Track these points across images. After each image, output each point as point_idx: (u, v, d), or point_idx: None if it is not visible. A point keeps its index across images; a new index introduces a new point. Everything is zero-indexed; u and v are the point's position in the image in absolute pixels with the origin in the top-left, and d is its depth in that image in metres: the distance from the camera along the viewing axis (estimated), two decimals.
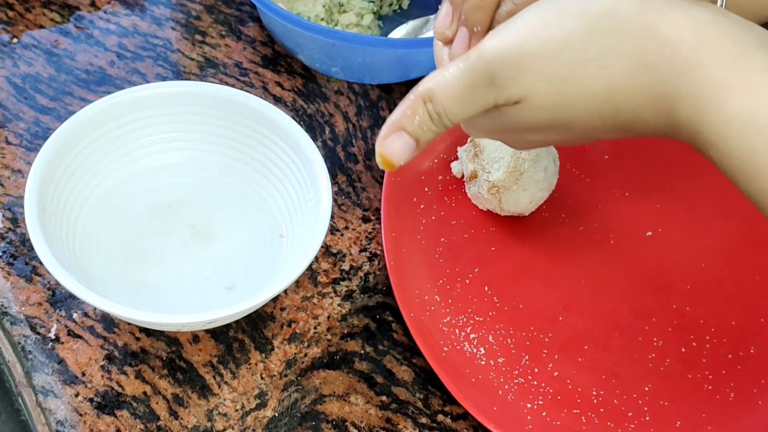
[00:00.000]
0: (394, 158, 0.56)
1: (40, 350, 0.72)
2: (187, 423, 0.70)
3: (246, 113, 0.78)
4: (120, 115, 0.77)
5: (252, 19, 0.96)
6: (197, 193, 0.80)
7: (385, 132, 0.56)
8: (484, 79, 0.52)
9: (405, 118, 0.55)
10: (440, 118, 0.55)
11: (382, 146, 0.56)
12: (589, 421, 0.72)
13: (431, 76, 0.54)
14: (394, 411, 0.72)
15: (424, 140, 0.56)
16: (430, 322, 0.75)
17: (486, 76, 0.52)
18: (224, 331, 0.75)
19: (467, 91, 0.53)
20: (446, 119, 0.55)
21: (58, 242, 0.71)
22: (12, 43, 0.91)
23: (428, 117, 0.54)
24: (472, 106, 0.54)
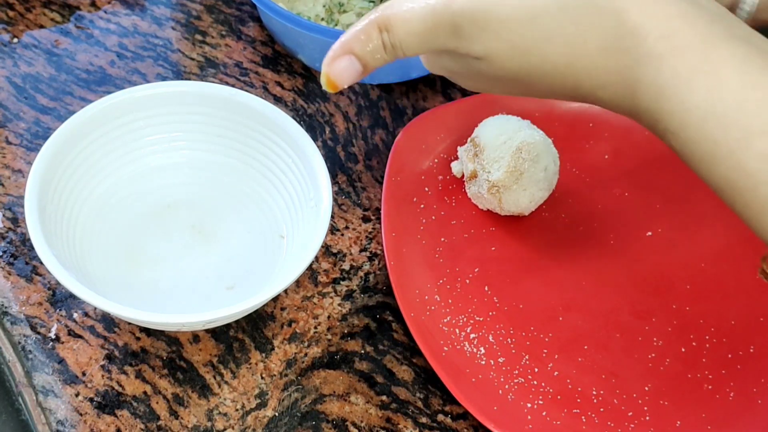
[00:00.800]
0: (340, 80, 0.57)
1: (40, 350, 0.72)
2: (188, 423, 0.70)
3: (246, 113, 0.78)
4: (120, 115, 0.77)
5: (252, 18, 0.96)
6: (197, 192, 0.80)
7: (334, 52, 0.56)
8: (447, 26, 0.52)
9: (357, 42, 0.55)
10: (394, 49, 0.54)
11: (329, 67, 0.57)
12: (589, 421, 0.72)
13: (391, 4, 0.54)
14: (394, 411, 0.72)
15: (372, 66, 0.56)
16: (430, 321, 0.75)
17: (450, 24, 0.52)
18: (224, 331, 0.75)
19: (427, 32, 0.53)
20: (400, 51, 0.54)
21: (58, 242, 0.71)
22: (12, 42, 0.91)
23: (381, 45, 0.54)
24: (429, 46, 0.54)
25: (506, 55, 0.52)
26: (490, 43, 0.52)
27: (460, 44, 0.52)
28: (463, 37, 0.52)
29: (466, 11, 0.51)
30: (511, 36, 0.51)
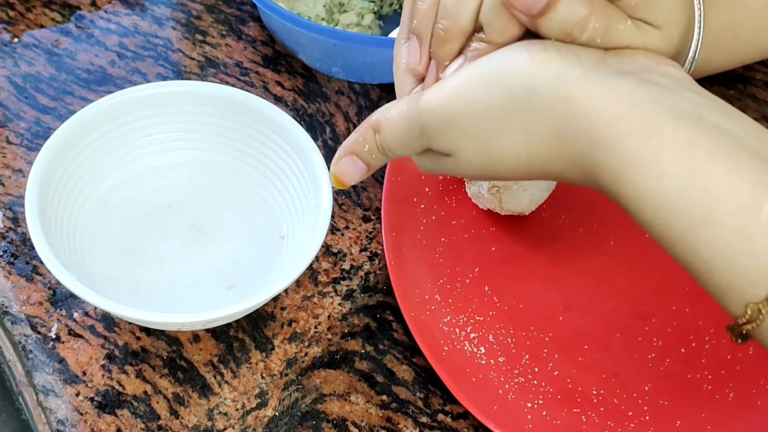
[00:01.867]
0: (345, 179, 0.60)
1: (40, 349, 0.72)
2: (188, 422, 0.70)
3: (246, 113, 0.78)
4: (120, 115, 0.77)
5: (253, 18, 0.96)
6: (198, 192, 0.80)
7: (340, 154, 0.59)
8: (417, 128, 0.54)
9: (357, 144, 0.58)
10: (384, 150, 0.57)
11: (335, 166, 0.60)
12: (589, 421, 0.72)
13: (386, 107, 0.56)
14: (394, 410, 0.72)
15: (374, 165, 0.59)
16: (430, 321, 0.75)
17: (418, 126, 0.54)
18: (225, 331, 0.75)
19: (405, 135, 0.55)
20: (390, 153, 0.57)
21: (58, 242, 0.71)
22: (13, 42, 0.91)
23: (375, 147, 0.57)
24: (409, 148, 0.56)
25: (470, 149, 0.53)
26: (453, 138, 0.53)
27: (430, 143, 0.54)
28: (431, 136, 0.54)
29: (429, 109, 0.53)
30: (469, 128, 0.52)
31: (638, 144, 0.49)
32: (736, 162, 0.47)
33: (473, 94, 0.52)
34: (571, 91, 0.50)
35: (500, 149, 0.53)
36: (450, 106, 0.53)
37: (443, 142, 0.54)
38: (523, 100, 0.51)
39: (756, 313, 0.47)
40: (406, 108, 0.54)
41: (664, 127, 0.48)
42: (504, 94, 0.51)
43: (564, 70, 0.50)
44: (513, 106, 0.51)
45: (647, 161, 0.48)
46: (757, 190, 0.47)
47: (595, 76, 0.50)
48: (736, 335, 0.50)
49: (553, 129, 0.51)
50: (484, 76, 0.52)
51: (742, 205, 0.47)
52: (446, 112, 0.53)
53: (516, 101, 0.51)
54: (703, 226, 0.47)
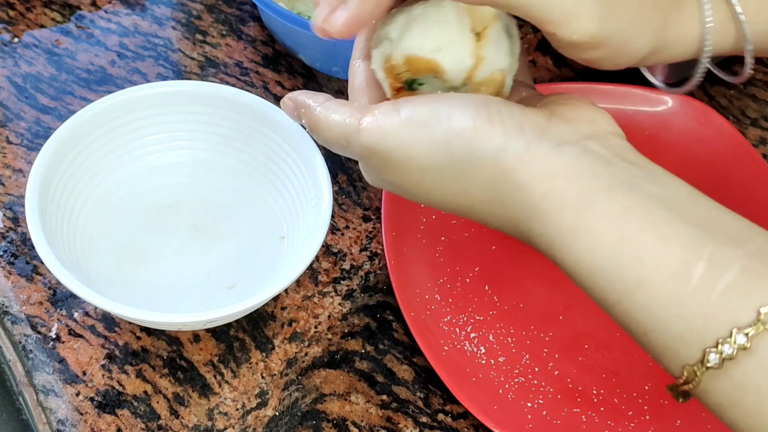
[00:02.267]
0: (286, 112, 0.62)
1: (41, 349, 0.72)
2: (188, 422, 0.70)
3: (247, 112, 0.78)
4: (121, 115, 0.77)
5: (253, 18, 0.96)
6: (198, 192, 0.80)
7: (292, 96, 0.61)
8: (356, 150, 0.55)
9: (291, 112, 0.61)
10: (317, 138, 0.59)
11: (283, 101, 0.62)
12: (590, 420, 0.72)
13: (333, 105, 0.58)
14: (394, 410, 0.72)
15: None
16: (430, 321, 0.75)
17: (358, 150, 0.55)
18: (225, 331, 0.75)
19: (342, 146, 0.57)
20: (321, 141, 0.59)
21: (59, 241, 0.71)
22: (13, 42, 0.91)
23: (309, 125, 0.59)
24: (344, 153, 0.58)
25: (411, 189, 0.55)
26: (394, 176, 0.55)
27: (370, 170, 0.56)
28: (372, 167, 0.56)
29: (371, 146, 0.54)
30: (411, 177, 0.54)
31: (572, 216, 0.50)
32: (667, 229, 0.49)
33: (416, 152, 0.53)
34: (511, 164, 0.51)
35: (442, 197, 0.55)
36: (392, 153, 0.54)
37: (384, 175, 0.55)
38: (464, 169, 0.52)
39: (692, 375, 0.48)
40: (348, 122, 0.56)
41: (598, 200, 0.50)
42: (445, 160, 0.53)
43: (506, 143, 0.52)
44: (453, 170, 0.53)
45: (580, 232, 0.50)
46: (687, 256, 0.48)
47: (534, 150, 0.51)
48: (677, 394, 0.51)
49: (492, 193, 0.52)
50: (427, 136, 0.53)
51: (673, 272, 0.48)
52: (387, 155, 0.54)
53: (456, 166, 0.52)
54: (636, 291, 0.49)
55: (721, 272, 0.47)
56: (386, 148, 0.54)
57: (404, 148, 0.53)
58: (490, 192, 0.52)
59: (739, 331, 0.46)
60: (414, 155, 0.53)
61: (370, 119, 0.55)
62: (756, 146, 0.90)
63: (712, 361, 0.47)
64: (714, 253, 0.48)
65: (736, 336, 0.46)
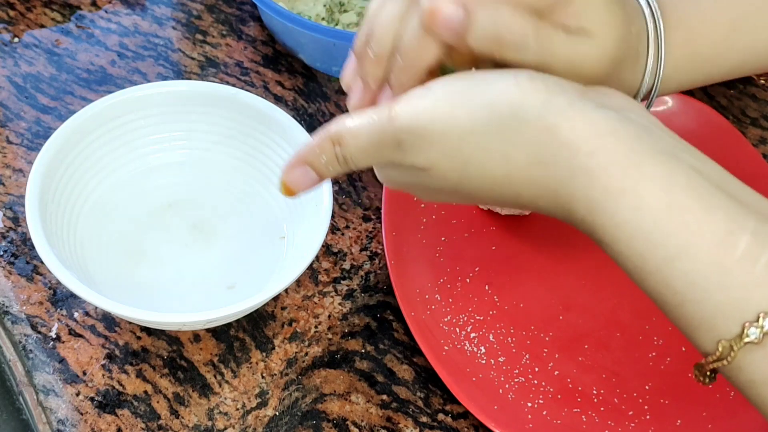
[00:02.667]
0: (296, 188, 0.59)
1: (41, 349, 0.72)
2: (188, 422, 0.70)
3: (247, 112, 0.78)
4: (121, 115, 0.77)
5: (253, 18, 0.96)
6: (198, 192, 0.80)
7: (292, 163, 0.58)
8: (391, 141, 0.54)
9: (312, 154, 0.57)
10: (346, 161, 0.56)
11: (286, 175, 0.59)
12: (590, 420, 0.72)
13: (344, 119, 0.56)
14: (394, 410, 0.72)
15: (326, 176, 0.58)
16: (430, 320, 0.75)
17: (394, 139, 0.53)
18: (225, 330, 0.75)
19: (374, 146, 0.55)
20: (352, 164, 0.56)
21: (59, 241, 0.71)
22: (13, 42, 0.91)
23: (335, 158, 0.56)
24: (377, 159, 0.56)
25: (447, 166, 0.53)
26: (432, 154, 0.53)
27: (404, 157, 0.54)
28: (407, 150, 0.54)
29: (406, 124, 0.53)
30: (448, 148, 0.53)
31: (618, 176, 0.49)
32: (711, 200, 0.48)
33: (455, 117, 0.52)
34: (556, 120, 0.51)
35: (478, 170, 0.53)
36: (429, 125, 0.53)
37: (420, 158, 0.54)
38: (508, 126, 0.51)
39: (727, 351, 0.47)
40: (376, 119, 0.54)
41: (644, 162, 0.49)
42: (488, 119, 0.51)
43: (550, 99, 0.51)
44: (496, 131, 0.51)
45: (626, 192, 0.49)
46: (732, 227, 0.48)
47: (580, 107, 0.51)
48: (704, 374, 0.50)
49: (534, 155, 0.51)
50: (468, 100, 0.52)
51: (718, 241, 0.47)
52: (425, 130, 0.53)
53: (500, 127, 0.51)
54: (678, 258, 0.48)
55: (764, 246, 0.47)
56: (426, 121, 0.53)
57: (445, 115, 0.52)
58: (534, 152, 0.51)
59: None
60: (457, 120, 0.52)
61: (402, 105, 0.54)
62: (756, 146, 0.90)
63: (752, 335, 0.46)
64: (757, 228, 0.48)
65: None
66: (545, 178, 0.52)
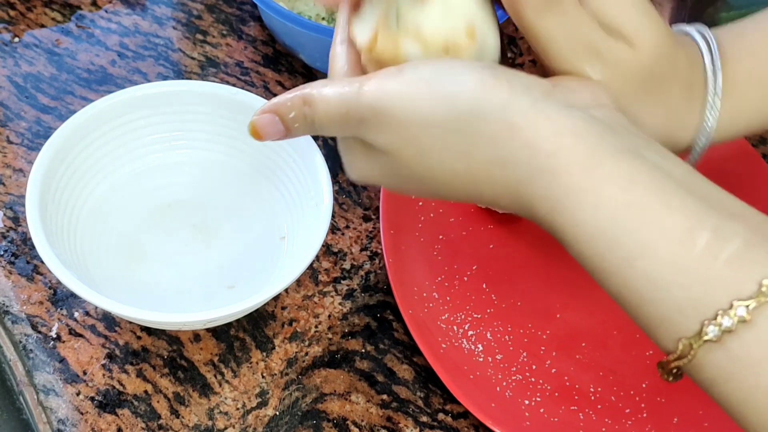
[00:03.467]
0: (262, 133, 0.59)
1: (41, 349, 0.72)
2: (189, 422, 0.70)
3: (247, 112, 0.77)
4: (121, 115, 0.77)
5: (253, 18, 0.96)
6: (198, 192, 0.80)
7: (263, 109, 0.59)
8: (355, 115, 0.54)
9: (283, 106, 0.58)
10: (313, 124, 0.57)
11: (256, 119, 0.59)
12: (587, 418, 0.72)
13: (319, 83, 0.56)
14: (394, 410, 0.73)
15: (293, 132, 0.58)
16: (428, 318, 0.75)
17: (358, 114, 0.54)
18: (225, 330, 0.75)
19: (340, 116, 0.55)
20: (318, 128, 0.57)
21: (59, 241, 0.71)
22: (13, 42, 0.91)
23: (302, 117, 0.57)
24: (342, 129, 0.56)
25: (408, 153, 0.53)
26: (393, 138, 0.53)
27: (367, 134, 0.54)
28: (369, 128, 0.54)
29: (371, 105, 0.53)
30: (410, 136, 0.53)
31: (579, 175, 0.49)
32: (672, 198, 0.48)
33: (419, 105, 0.52)
34: (517, 120, 0.51)
35: (438, 162, 0.53)
36: (394, 110, 0.53)
37: (382, 139, 0.54)
38: (468, 123, 0.51)
39: (687, 349, 0.47)
40: (347, 90, 0.54)
41: (605, 162, 0.49)
42: (450, 113, 0.51)
43: (512, 98, 0.51)
44: (457, 126, 0.51)
45: (586, 192, 0.49)
46: (692, 224, 0.47)
47: (542, 108, 0.51)
48: (668, 372, 0.50)
49: (495, 154, 0.51)
50: (432, 90, 0.52)
51: (678, 239, 0.47)
52: (389, 113, 0.53)
53: (460, 123, 0.51)
54: (638, 257, 0.48)
55: (724, 243, 0.47)
56: (390, 104, 0.53)
57: (408, 102, 0.52)
58: (494, 150, 0.51)
59: (740, 303, 0.45)
60: (418, 109, 0.52)
61: (373, 82, 0.54)
62: (756, 146, 0.90)
63: (710, 334, 0.46)
64: (717, 225, 0.47)
65: (736, 308, 0.45)
66: (506, 178, 0.52)
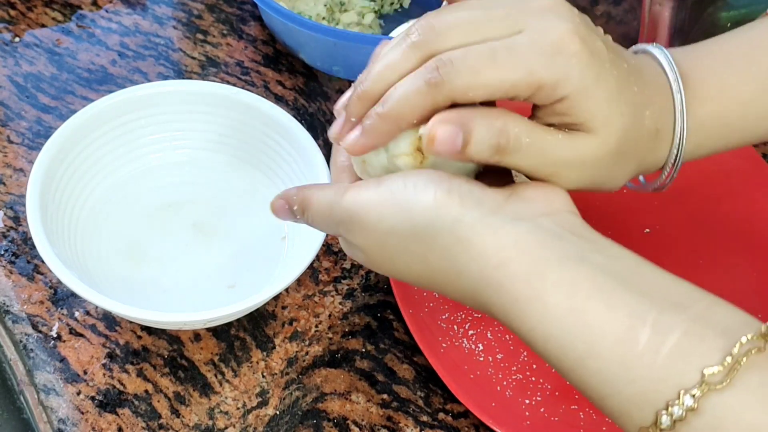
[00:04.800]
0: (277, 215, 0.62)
1: (41, 348, 0.72)
2: (189, 421, 0.70)
3: (247, 112, 0.78)
4: (121, 114, 0.77)
5: (253, 18, 0.96)
6: (199, 191, 0.80)
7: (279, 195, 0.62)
8: (336, 218, 0.58)
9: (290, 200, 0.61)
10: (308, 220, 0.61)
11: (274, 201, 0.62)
12: (587, 417, 0.72)
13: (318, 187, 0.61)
14: (395, 409, 0.73)
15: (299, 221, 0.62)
16: (428, 318, 0.75)
17: (337, 217, 0.58)
18: (226, 330, 0.75)
19: (325, 218, 0.59)
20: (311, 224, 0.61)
21: (59, 241, 0.71)
22: (14, 42, 0.91)
23: (302, 213, 0.61)
24: (327, 228, 0.61)
25: (377, 252, 0.57)
26: (364, 239, 0.57)
27: (346, 234, 0.58)
28: (347, 230, 0.58)
29: (347, 211, 0.57)
30: (377, 240, 0.56)
31: (524, 286, 0.52)
32: (613, 298, 0.51)
33: (384, 215, 0.55)
34: (466, 234, 0.53)
35: (403, 265, 0.57)
36: (364, 215, 0.56)
37: (356, 239, 0.57)
38: (424, 234, 0.54)
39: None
40: (332, 196, 0.58)
41: (548, 271, 0.52)
42: (408, 224, 0.55)
43: (463, 213, 0.54)
44: (413, 236, 0.55)
45: (532, 301, 0.52)
46: (633, 322, 0.50)
47: (489, 222, 0.53)
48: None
49: (449, 265, 0.54)
50: (395, 203, 0.55)
51: (620, 338, 0.50)
52: (359, 218, 0.56)
53: (416, 234, 0.55)
54: (587, 358, 0.51)
55: (664, 336, 0.49)
56: (361, 209, 0.56)
57: (374, 211, 0.56)
58: (448, 261, 0.54)
59: (686, 393, 0.48)
60: (382, 218, 0.55)
61: (352, 190, 0.57)
62: (756, 146, 0.90)
63: (664, 423, 0.48)
64: (657, 319, 0.50)
65: (683, 398, 0.48)
66: (461, 284, 0.55)
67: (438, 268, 0.55)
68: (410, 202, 0.55)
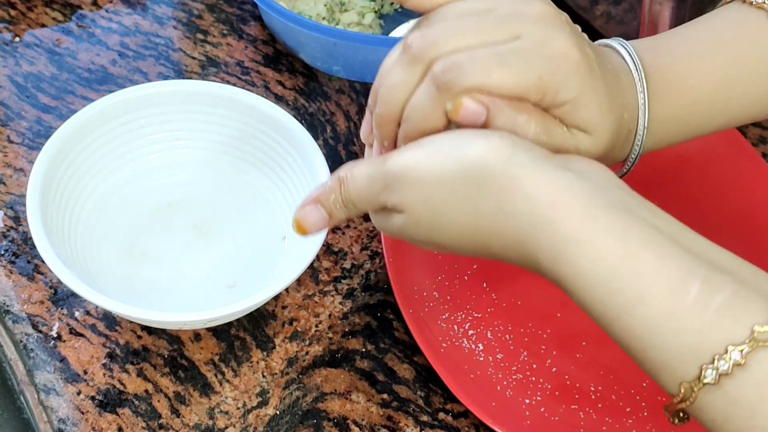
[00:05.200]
0: (308, 227, 0.61)
1: (42, 348, 0.72)
2: (189, 421, 0.70)
3: (248, 112, 0.79)
4: (122, 114, 0.77)
5: (253, 18, 0.96)
6: (199, 191, 0.80)
7: (305, 202, 0.61)
8: (381, 182, 0.57)
9: (324, 194, 0.60)
10: (349, 203, 0.60)
11: (299, 214, 0.61)
12: (587, 417, 0.72)
13: (351, 164, 0.60)
14: (395, 409, 0.73)
15: (336, 218, 0.61)
16: (428, 318, 0.75)
17: (383, 181, 0.57)
18: (226, 330, 0.75)
19: (368, 188, 0.58)
20: (353, 207, 0.60)
21: (60, 240, 0.71)
22: (14, 41, 0.91)
23: (341, 199, 0.60)
24: (371, 202, 0.59)
25: (420, 210, 0.57)
26: (407, 196, 0.57)
27: (389, 198, 0.57)
28: (389, 191, 0.57)
29: (393, 170, 0.57)
30: (422, 193, 0.56)
31: (576, 227, 0.52)
32: (664, 251, 0.51)
33: (432, 166, 0.56)
34: (519, 173, 0.53)
35: (448, 217, 0.56)
36: (411, 171, 0.56)
37: (399, 198, 0.57)
38: (475, 177, 0.54)
39: (689, 392, 0.50)
40: (372, 168, 0.58)
41: (599, 216, 0.52)
42: (458, 169, 0.55)
43: (515, 154, 0.54)
44: (464, 180, 0.54)
45: (584, 243, 0.52)
46: (684, 276, 0.50)
47: (541, 165, 0.54)
48: (673, 415, 0.52)
49: (499, 205, 0.54)
50: (444, 152, 0.56)
51: (671, 288, 0.50)
52: (406, 174, 0.56)
53: (468, 177, 0.54)
54: (636, 305, 0.51)
55: (714, 292, 0.49)
56: (407, 167, 0.56)
57: (422, 165, 0.56)
58: (498, 202, 0.54)
59: (734, 348, 0.48)
60: (431, 169, 0.55)
61: (395, 154, 0.58)
62: (756, 146, 0.90)
63: (708, 377, 0.48)
64: (707, 276, 0.50)
65: (731, 353, 0.48)
66: (510, 229, 0.54)
67: (486, 213, 0.55)
68: (461, 149, 0.55)
